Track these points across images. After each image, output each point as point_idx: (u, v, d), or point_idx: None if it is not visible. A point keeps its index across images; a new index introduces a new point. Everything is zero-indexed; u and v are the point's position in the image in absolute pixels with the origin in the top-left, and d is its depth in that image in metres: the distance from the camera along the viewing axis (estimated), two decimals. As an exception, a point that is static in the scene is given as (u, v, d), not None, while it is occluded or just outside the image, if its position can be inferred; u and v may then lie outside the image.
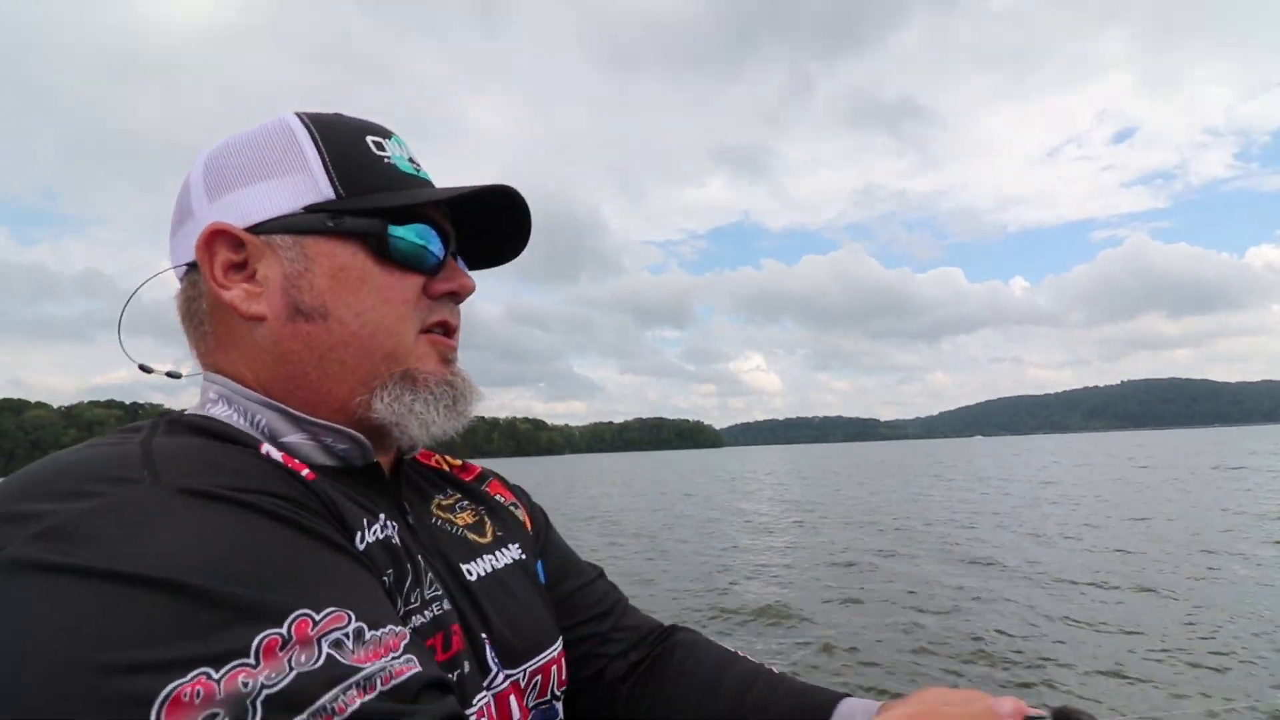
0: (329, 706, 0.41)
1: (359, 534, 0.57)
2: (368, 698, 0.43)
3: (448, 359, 0.68)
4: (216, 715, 0.38)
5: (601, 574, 0.90)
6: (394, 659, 0.46)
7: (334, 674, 0.43)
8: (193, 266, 0.63)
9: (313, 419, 0.62)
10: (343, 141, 0.64)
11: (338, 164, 0.63)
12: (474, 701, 0.59)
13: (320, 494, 0.55)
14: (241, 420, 0.61)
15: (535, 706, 0.70)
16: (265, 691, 0.40)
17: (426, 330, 0.66)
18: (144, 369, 0.68)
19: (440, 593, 0.62)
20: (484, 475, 0.86)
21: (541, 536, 0.86)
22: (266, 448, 0.56)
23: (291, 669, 0.41)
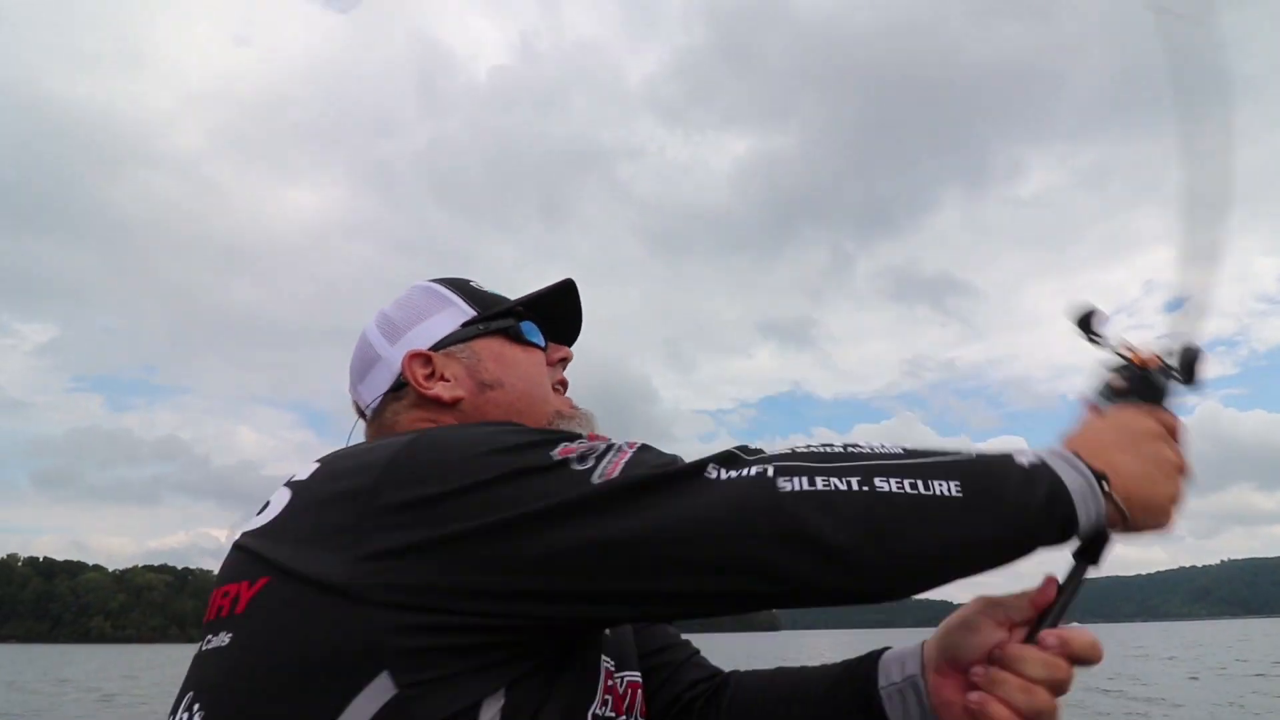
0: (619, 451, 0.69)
1: None
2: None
3: (574, 405, 1.01)
4: (596, 448, 0.68)
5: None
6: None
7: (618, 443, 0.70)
8: (388, 395, 0.94)
9: None
10: (463, 285, 1.01)
11: (469, 297, 0.99)
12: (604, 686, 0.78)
13: None
14: None
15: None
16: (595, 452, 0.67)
17: (553, 387, 1.00)
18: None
19: None
20: None
21: None
22: None
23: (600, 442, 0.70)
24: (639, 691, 0.89)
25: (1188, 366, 0.79)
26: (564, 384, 1.02)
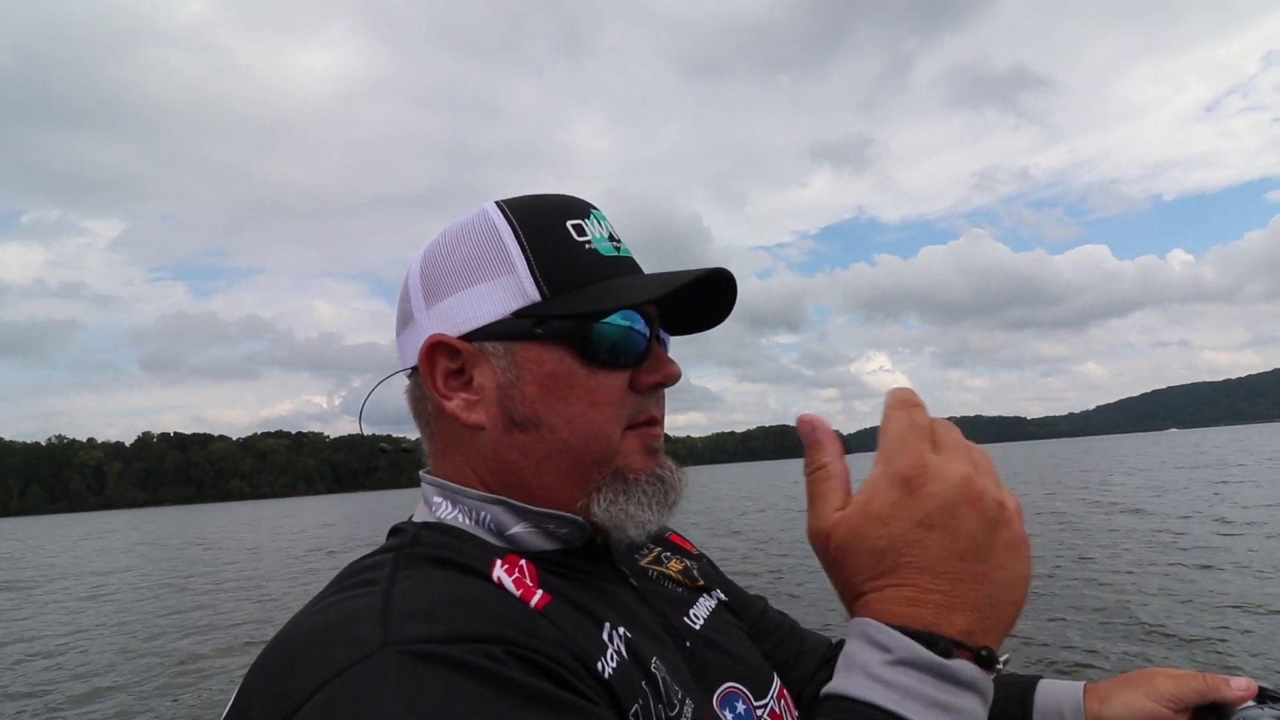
0: None
1: (599, 662, 0.57)
2: None
3: (653, 449, 0.69)
4: None
5: (767, 602, 0.94)
6: None
7: None
8: (416, 369, 0.69)
9: (535, 509, 0.66)
10: (545, 234, 0.66)
11: (542, 261, 0.65)
12: None
13: (553, 621, 0.57)
14: (468, 520, 0.66)
15: None
16: None
17: (633, 425, 0.67)
18: (382, 449, 0.80)
19: (682, 695, 0.62)
20: (664, 528, 0.86)
21: (718, 578, 0.90)
22: (498, 573, 0.60)
23: None
24: (785, 695, 0.76)
25: None
26: (654, 420, 0.70)
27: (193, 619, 11.06)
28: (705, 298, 0.72)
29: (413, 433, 0.73)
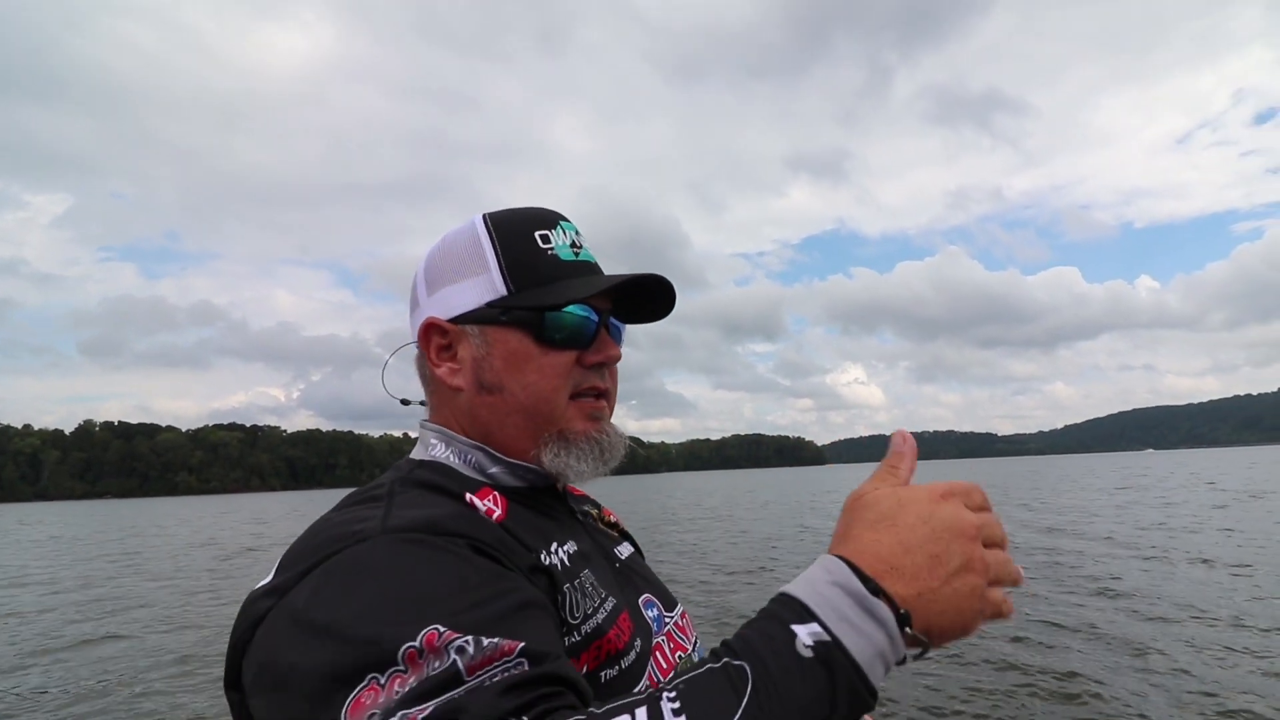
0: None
1: (543, 552, 0.78)
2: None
3: (595, 417, 0.88)
4: (374, 715, 0.54)
5: None
6: (502, 664, 0.57)
7: (442, 679, 0.56)
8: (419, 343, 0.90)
9: (507, 458, 0.86)
10: (514, 242, 0.86)
11: (510, 264, 0.85)
12: (651, 654, 0.82)
13: (508, 530, 0.77)
14: (457, 460, 0.86)
15: (695, 641, 0.96)
16: (400, 692, 0.55)
17: (579, 394, 0.87)
18: (404, 402, 0.97)
19: (605, 594, 0.82)
20: (598, 504, 1.11)
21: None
22: (470, 498, 0.79)
23: (425, 674, 0.56)
24: (687, 618, 0.98)
25: None
26: (600, 390, 0.89)
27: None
28: (653, 295, 0.92)
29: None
